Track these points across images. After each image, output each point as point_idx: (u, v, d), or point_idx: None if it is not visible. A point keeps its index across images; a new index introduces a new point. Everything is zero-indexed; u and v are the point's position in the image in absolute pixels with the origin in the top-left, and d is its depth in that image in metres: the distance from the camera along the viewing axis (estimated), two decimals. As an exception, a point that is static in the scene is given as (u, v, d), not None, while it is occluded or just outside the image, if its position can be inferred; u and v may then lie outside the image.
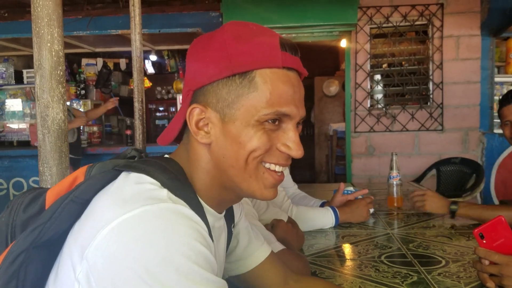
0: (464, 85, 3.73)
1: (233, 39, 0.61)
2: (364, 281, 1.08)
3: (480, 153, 3.73)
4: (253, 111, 0.60)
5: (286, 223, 1.33)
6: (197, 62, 0.63)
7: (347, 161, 4.04)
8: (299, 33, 3.89)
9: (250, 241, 0.82)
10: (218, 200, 0.67)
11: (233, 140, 0.61)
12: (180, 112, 0.64)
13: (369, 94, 3.90)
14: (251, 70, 0.60)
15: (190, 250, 0.52)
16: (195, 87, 0.63)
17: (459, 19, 3.71)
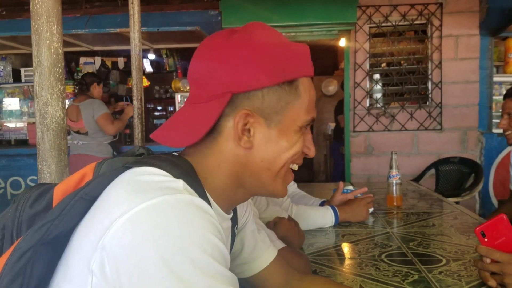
0: (463, 85, 3.74)
1: (273, 44, 0.63)
2: (365, 280, 1.08)
3: (478, 153, 3.74)
4: (296, 118, 0.64)
5: (288, 221, 1.32)
6: (234, 63, 0.61)
7: (346, 160, 4.04)
8: (298, 32, 3.89)
9: (256, 245, 0.82)
10: (229, 200, 0.68)
11: (277, 145, 0.64)
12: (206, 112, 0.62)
13: (368, 94, 3.90)
14: (297, 78, 0.64)
15: (206, 243, 0.51)
16: (237, 90, 0.61)
17: (458, 18, 3.71)
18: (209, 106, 0.61)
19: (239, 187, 0.66)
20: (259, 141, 0.63)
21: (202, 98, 0.62)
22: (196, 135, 0.61)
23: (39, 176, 1.18)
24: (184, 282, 0.48)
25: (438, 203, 2.07)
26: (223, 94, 0.60)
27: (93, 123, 3.55)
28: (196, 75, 0.63)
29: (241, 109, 0.61)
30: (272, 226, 1.29)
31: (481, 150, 3.75)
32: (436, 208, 1.96)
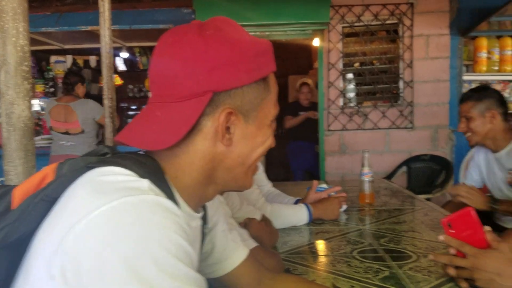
0: (434, 84, 3.83)
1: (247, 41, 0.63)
2: (337, 277, 1.09)
3: (449, 150, 3.84)
4: (268, 113, 0.67)
5: (258, 221, 1.33)
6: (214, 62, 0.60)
7: (320, 159, 4.08)
8: (273, 31, 3.90)
9: (227, 244, 0.82)
10: (200, 198, 0.67)
11: (252, 140, 0.65)
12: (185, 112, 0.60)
13: (341, 93, 3.95)
14: (268, 74, 0.66)
15: (170, 244, 0.51)
16: (219, 89, 0.60)
17: (428, 18, 3.80)
18: (187, 105, 0.60)
19: (211, 183, 0.66)
20: (238, 137, 0.64)
21: (176, 97, 0.60)
22: (176, 135, 0.60)
23: (6, 177, 1.14)
24: (148, 285, 0.47)
25: (409, 200, 2.12)
26: (204, 93, 0.60)
27: (92, 123, 3.55)
28: (167, 72, 0.61)
29: (223, 108, 0.61)
30: (242, 227, 1.29)
31: (451, 147, 3.85)
32: (407, 205, 2.01)
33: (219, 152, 0.63)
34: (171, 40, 0.62)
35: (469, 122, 1.95)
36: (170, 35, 0.63)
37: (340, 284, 1.04)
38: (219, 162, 0.64)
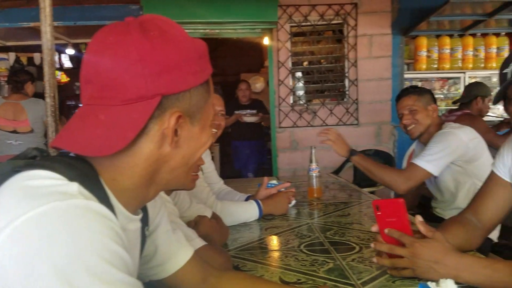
0: (377, 82, 4.00)
1: (190, 42, 0.63)
2: (284, 271, 1.13)
3: (392, 145, 4.02)
4: (210, 114, 0.68)
5: (209, 219, 1.34)
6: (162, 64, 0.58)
7: (272, 155, 4.14)
8: (223, 29, 3.90)
9: (171, 245, 0.81)
10: (140, 199, 0.66)
11: (196, 141, 0.66)
12: (132, 115, 0.58)
13: (291, 91, 4.02)
14: (210, 75, 0.67)
15: (103, 249, 0.50)
16: (168, 92, 0.59)
17: (371, 18, 3.95)
18: (134, 109, 0.58)
19: (152, 184, 0.66)
20: (183, 139, 0.64)
21: (121, 99, 0.58)
22: (123, 140, 0.58)
23: None
24: None
25: (355, 194, 2.21)
26: (152, 96, 0.58)
27: (41, 123, 3.40)
28: (109, 74, 0.58)
29: (171, 111, 0.60)
30: (193, 225, 1.30)
31: (394, 142, 4.04)
32: (352, 198, 2.09)
33: (164, 154, 0.63)
34: (111, 40, 0.59)
35: (414, 115, 2.06)
36: (109, 33, 0.60)
37: (287, 278, 1.07)
38: (163, 163, 0.64)
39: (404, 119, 2.08)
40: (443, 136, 1.93)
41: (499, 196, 1.25)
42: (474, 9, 3.61)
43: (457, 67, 4.29)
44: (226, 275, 0.88)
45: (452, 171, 1.99)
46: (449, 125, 2.00)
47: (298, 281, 1.05)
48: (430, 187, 2.20)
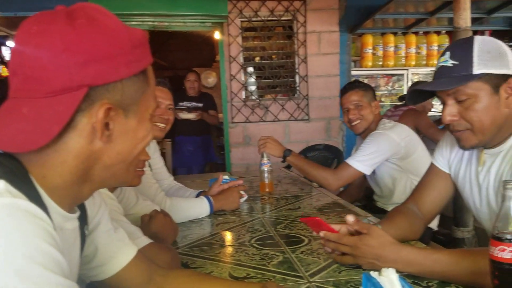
0: (326, 78, 4.08)
1: (124, 31, 0.60)
2: (234, 266, 1.12)
3: (340, 140, 4.13)
4: (148, 106, 0.65)
5: (164, 215, 1.31)
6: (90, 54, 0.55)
7: (226, 151, 4.13)
8: (171, 22, 3.82)
9: (112, 245, 0.78)
10: (74, 197, 0.63)
11: (133, 135, 0.63)
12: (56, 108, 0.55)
13: (243, 86, 4.02)
14: (147, 66, 0.64)
15: (34, 251, 0.47)
16: (95, 83, 0.56)
17: (320, 15, 4.03)
18: (59, 101, 0.55)
19: (86, 182, 0.62)
20: (117, 134, 0.61)
21: (45, 91, 0.55)
22: (48, 135, 0.55)
23: None
24: None
25: (306, 187, 2.24)
26: (78, 88, 0.55)
27: None
28: (33, 64, 0.55)
29: (100, 103, 0.57)
30: (147, 220, 1.27)
31: (342, 137, 4.16)
32: (303, 192, 2.13)
33: (96, 150, 0.60)
34: (36, 29, 0.56)
35: (359, 110, 2.11)
36: (34, 22, 0.57)
37: (236, 273, 1.07)
38: (96, 160, 0.61)
39: (351, 114, 2.12)
40: (375, 137, 2.01)
41: (439, 186, 1.32)
42: (417, 7, 3.78)
43: (401, 64, 4.47)
44: (172, 273, 0.86)
45: (388, 168, 2.08)
46: (383, 125, 2.07)
47: (247, 276, 1.05)
48: (370, 182, 2.29)
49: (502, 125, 1.08)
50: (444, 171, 1.30)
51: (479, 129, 1.08)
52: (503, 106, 1.06)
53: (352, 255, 1.02)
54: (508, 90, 1.05)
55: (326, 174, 2.04)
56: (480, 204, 1.19)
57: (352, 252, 1.02)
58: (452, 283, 0.93)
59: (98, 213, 0.77)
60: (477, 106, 1.06)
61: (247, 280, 1.03)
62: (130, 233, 0.96)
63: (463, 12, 2.22)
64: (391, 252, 0.97)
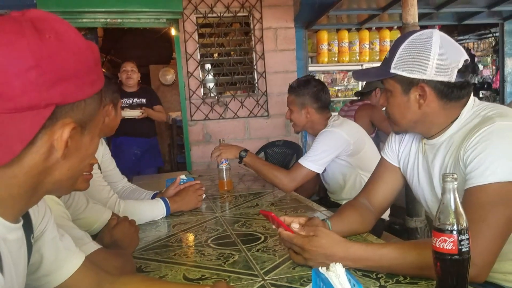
0: (283, 74, 4.11)
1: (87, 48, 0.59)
2: (189, 268, 1.11)
3: (300, 135, 4.18)
4: (100, 122, 0.65)
5: (128, 223, 1.28)
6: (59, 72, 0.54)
7: (186, 149, 4.08)
8: (125, 19, 3.72)
9: (59, 253, 0.75)
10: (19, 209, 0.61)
11: (86, 151, 0.63)
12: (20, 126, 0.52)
13: (201, 83, 3.98)
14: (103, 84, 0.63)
15: None
16: (63, 102, 0.55)
17: (276, 12, 4.04)
18: (23, 118, 0.52)
19: (34, 194, 0.61)
20: (72, 151, 0.60)
21: (8, 108, 0.52)
22: (9, 153, 0.53)
23: None
24: None
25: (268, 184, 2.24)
26: (45, 106, 0.53)
27: None
28: None
29: (63, 122, 0.56)
30: (111, 226, 1.23)
31: (301, 133, 4.20)
32: (265, 188, 2.13)
33: (49, 166, 0.58)
34: (1, 39, 0.52)
35: (290, 114, 2.16)
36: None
37: (191, 275, 1.06)
38: (47, 175, 0.59)
39: (286, 115, 2.21)
40: (325, 135, 2.04)
41: (389, 180, 1.35)
42: (369, 3, 3.86)
43: (355, 59, 4.56)
44: (121, 280, 0.84)
45: (338, 165, 2.12)
46: (332, 122, 2.11)
47: (202, 277, 1.04)
48: (321, 179, 2.33)
49: (420, 121, 1.13)
50: (394, 164, 1.34)
51: (392, 120, 1.19)
52: (414, 106, 1.11)
53: (303, 256, 1.03)
54: (417, 94, 1.09)
55: (281, 175, 2.03)
56: (427, 196, 1.24)
57: (302, 254, 1.03)
58: (400, 275, 0.96)
59: (43, 220, 0.74)
60: (391, 101, 1.15)
61: (202, 281, 1.02)
62: (78, 238, 0.93)
63: (411, 8, 2.29)
64: (339, 250, 0.99)
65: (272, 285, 0.97)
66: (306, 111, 2.12)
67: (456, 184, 0.77)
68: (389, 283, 0.93)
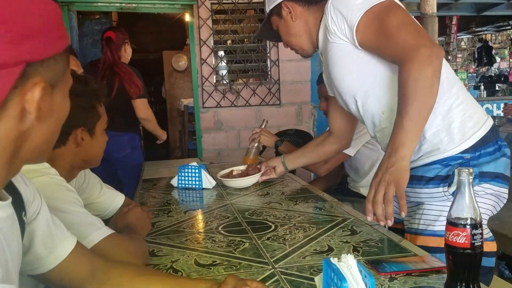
0: (297, 63, 4.08)
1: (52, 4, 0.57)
2: (200, 254, 1.12)
3: (312, 125, 4.17)
4: (69, 81, 0.62)
5: (141, 209, 1.30)
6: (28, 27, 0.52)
7: (197, 136, 4.09)
8: (140, 4, 3.72)
9: (51, 237, 0.74)
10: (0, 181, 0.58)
11: (58, 111, 0.60)
12: None
13: (214, 70, 3.98)
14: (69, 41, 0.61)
15: None
16: (33, 59, 0.53)
17: None
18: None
19: (13, 162, 0.58)
20: (46, 112, 0.57)
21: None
22: None
23: None
24: None
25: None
26: (15, 64, 0.51)
27: None
28: None
29: (33, 81, 0.54)
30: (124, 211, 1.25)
31: (313, 122, 4.19)
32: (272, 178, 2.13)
33: (25, 131, 0.56)
34: None
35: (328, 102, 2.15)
36: None
37: (202, 261, 1.07)
38: (24, 141, 0.57)
39: (320, 106, 2.20)
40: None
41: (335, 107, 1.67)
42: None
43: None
44: (115, 270, 0.82)
45: (367, 149, 2.12)
46: None
47: (213, 263, 1.05)
48: (345, 166, 2.32)
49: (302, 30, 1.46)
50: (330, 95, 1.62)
51: (296, 46, 1.53)
52: (289, 21, 1.45)
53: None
54: (287, 12, 1.43)
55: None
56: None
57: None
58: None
59: (35, 201, 0.72)
60: (283, 34, 1.52)
61: (213, 267, 1.03)
62: (90, 224, 0.95)
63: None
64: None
65: (282, 273, 0.98)
66: None
67: (471, 178, 0.77)
68: (400, 275, 0.93)
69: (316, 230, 1.27)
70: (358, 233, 1.23)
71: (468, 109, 1.23)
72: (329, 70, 1.37)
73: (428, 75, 1.07)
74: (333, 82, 1.38)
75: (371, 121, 1.36)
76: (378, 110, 1.31)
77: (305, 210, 1.52)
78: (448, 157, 1.21)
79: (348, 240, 1.19)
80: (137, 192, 1.90)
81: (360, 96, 1.32)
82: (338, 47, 1.28)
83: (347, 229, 1.28)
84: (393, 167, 1.09)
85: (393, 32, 1.14)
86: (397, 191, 1.08)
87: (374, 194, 1.11)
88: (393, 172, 1.08)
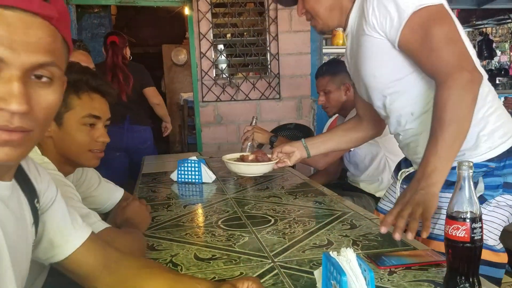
0: (297, 56, 4.06)
1: None
2: (200, 248, 1.12)
3: (311, 119, 4.16)
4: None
5: (139, 203, 1.30)
6: None
7: (197, 130, 4.09)
8: (139, -3, 3.70)
9: (66, 226, 0.75)
10: None
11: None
12: None
13: (213, 64, 3.96)
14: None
15: None
16: None
17: (291, -8, 3.96)
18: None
19: None
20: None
21: None
22: None
23: None
24: None
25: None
26: None
27: None
28: None
29: None
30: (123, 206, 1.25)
31: (313, 116, 4.18)
32: (274, 172, 2.13)
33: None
34: None
35: (327, 95, 2.15)
36: None
37: (202, 255, 1.07)
38: None
39: (319, 101, 2.19)
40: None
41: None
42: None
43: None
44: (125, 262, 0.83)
45: (367, 144, 2.11)
46: None
47: (213, 257, 1.05)
48: (345, 160, 2.32)
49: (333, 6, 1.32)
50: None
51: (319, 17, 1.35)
52: None
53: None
54: None
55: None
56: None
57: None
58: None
59: (49, 190, 0.73)
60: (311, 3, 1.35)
61: (212, 261, 1.03)
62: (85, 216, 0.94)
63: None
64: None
65: (282, 267, 0.98)
66: (346, 88, 2.14)
67: (471, 172, 0.76)
68: (399, 269, 0.94)
69: (315, 224, 1.27)
70: (358, 227, 1.24)
71: (500, 119, 1.19)
72: (359, 62, 1.30)
73: (468, 101, 1.02)
74: (360, 75, 1.31)
75: (397, 120, 1.30)
76: (408, 111, 1.26)
77: (305, 204, 1.52)
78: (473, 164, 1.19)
79: (347, 234, 1.19)
80: (136, 186, 1.90)
81: (389, 94, 1.26)
82: (373, 41, 1.20)
83: (346, 223, 1.28)
84: (423, 190, 1.03)
85: (437, 46, 1.07)
86: (425, 213, 1.00)
87: (400, 210, 1.03)
88: (423, 195, 1.02)
